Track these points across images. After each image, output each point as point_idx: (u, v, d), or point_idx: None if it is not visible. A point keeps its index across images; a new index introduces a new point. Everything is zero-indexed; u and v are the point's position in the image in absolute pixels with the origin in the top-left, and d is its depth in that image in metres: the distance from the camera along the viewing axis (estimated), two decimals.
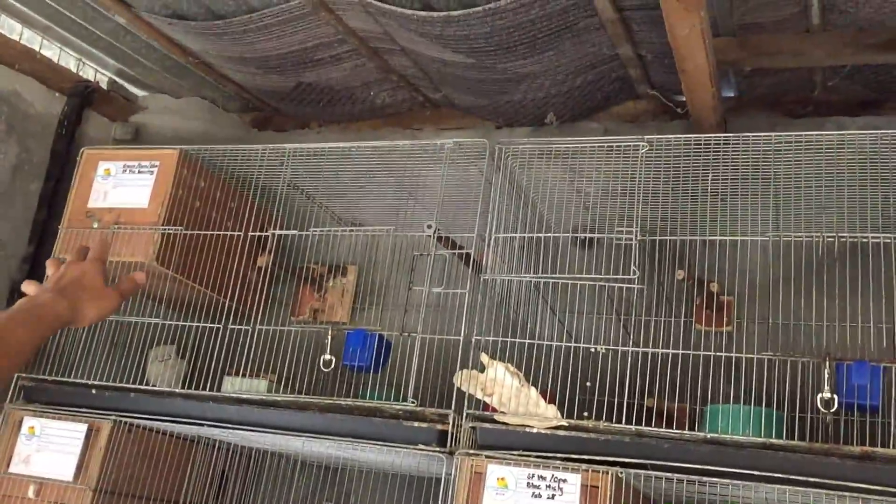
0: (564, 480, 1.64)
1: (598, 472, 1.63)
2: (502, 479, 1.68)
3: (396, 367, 1.89)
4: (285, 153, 2.14)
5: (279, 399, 1.92)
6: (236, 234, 2.24)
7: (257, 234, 2.21)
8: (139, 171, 2.27)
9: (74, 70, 2.72)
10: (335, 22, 2.27)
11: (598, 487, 1.62)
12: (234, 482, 2.42)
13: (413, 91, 2.72)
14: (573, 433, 1.69)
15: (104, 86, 2.85)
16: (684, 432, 1.65)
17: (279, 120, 3.07)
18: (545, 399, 1.76)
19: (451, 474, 1.72)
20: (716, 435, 1.63)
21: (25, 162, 2.48)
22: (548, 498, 1.64)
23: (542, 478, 1.66)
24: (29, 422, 2.08)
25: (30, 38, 2.57)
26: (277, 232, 2.12)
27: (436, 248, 1.94)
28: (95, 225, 2.24)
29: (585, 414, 1.77)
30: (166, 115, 2.97)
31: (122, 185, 2.28)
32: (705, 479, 1.58)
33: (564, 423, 1.70)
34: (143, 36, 2.54)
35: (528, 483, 1.66)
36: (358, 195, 2.39)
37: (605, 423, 1.67)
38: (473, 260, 1.97)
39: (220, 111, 3.04)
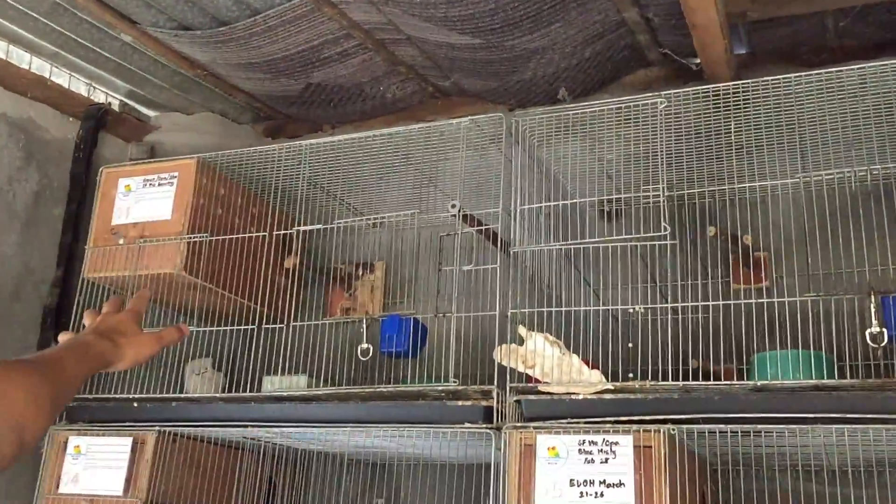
0: (616, 443, 1.62)
1: (650, 431, 1.60)
2: (553, 448, 1.66)
3: (434, 350, 1.87)
4: (302, 150, 2.14)
5: (320, 393, 1.91)
6: (261, 234, 2.24)
7: (282, 232, 2.21)
8: (159, 184, 2.28)
9: (86, 94, 2.74)
10: (338, 17, 2.27)
11: (650, 447, 1.60)
12: (282, 487, 2.41)
13: (422, 82, 2.71)
14: (620, 396, 1.67)
15: (116, 108, 2.86)
16: (733, 383, 1.63)
17: (292, 127, 3.08)
18: (587, 365, 1.74)
19: (500, 450, 1.70)
20: (766, 381, 1.60)
21: (46, 188, 2.50)
22: (601, 462, 1.62)
23: (593, 443, 1.63)
24: (74, 441, 2.09)
25: (39, 67, 2.58)
26: (302, 228, 2.11)
27: (461, 228, 1.92)
28: (121, 241, 2.25)
29: (631, 375, 1.75)
30: (180, 132, 2.98)
31: (143, 199, 2.28)
32: (759, 426, 1.55)
33: (610, 386, 1.68)
34: (150, 52, 2.56)
35: (580, 449, 1.64)
36: (377, 187, 2.39)
37: (652, 383, 1.65)
38: (500, 238, 1.96)
39: (232, 124, 3.05)
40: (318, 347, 2.06)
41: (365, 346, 1.91)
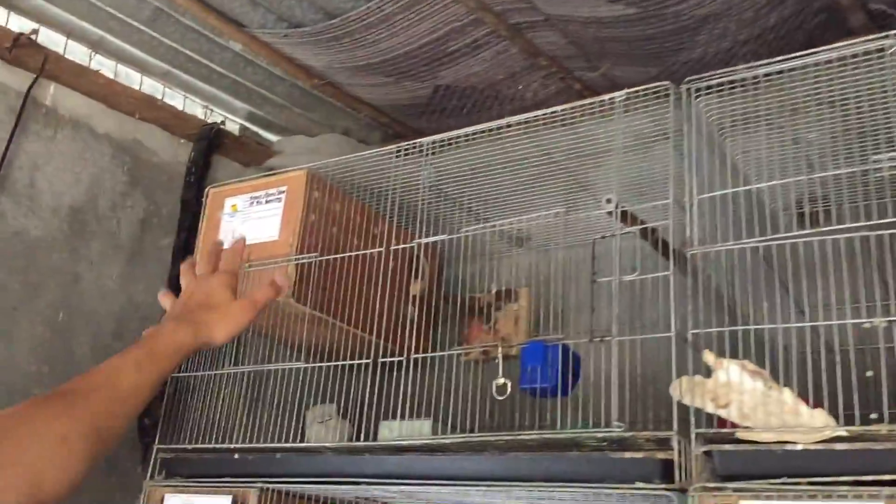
0: None
1: None
2: None
3: (590, 387, 1.44)
4: (423, 148, 1.79)
5: (447, 442, 1.52)
6: (376, 250, 1.89)
7: (399, 246, 1.85)
8: (266, 201, 2.00)
9: (202, 117, 2.53)
10: None
11: None
12: None
13: (567, 77, 2.32)
14: (858, 445, 1.18)
15: (236, 132, 2.64)
16: None
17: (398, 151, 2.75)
18: (806, 404, 1.26)
19: None
20: None
21: (154, 215, 2.27)
22: None
23: None
24: (171, 500, 1.79)
25: (151, 87, 2.39)
26: (424, 240, 1.75)
27: (620, 228, 1.50)
28: None
29: (874, 416, 1.24)
30: (302, 155, 2.72)
31: (249, 219, 2.00)
32: None
33: (843, 431, 1.19)
34: (263, 63, 2.32)
35: None
36: (514, 194, 2.00)
37: None
38: (672, 239, 1.51)
39: (359, 144, 2.76)
40: (445, 387, 1.67)
41: (501, 380, 1.50)
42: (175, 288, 2.21)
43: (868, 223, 1.28)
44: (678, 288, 1.39)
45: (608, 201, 1.49)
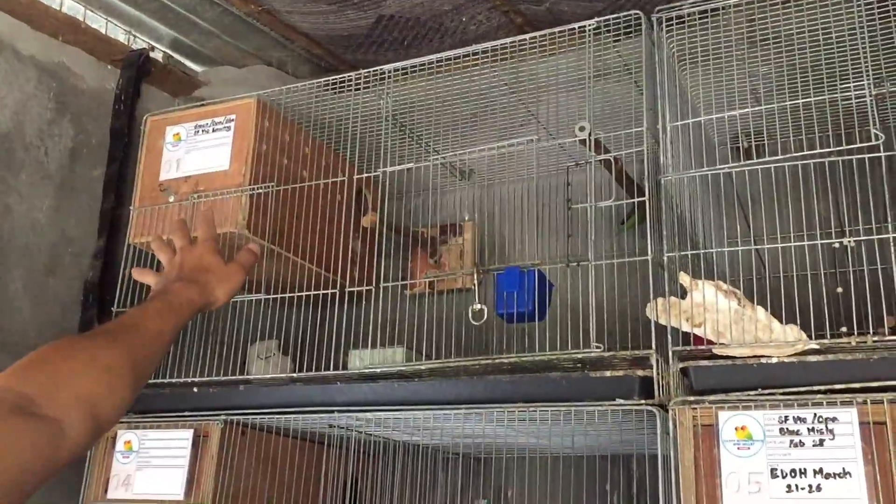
0: (834, 419, 1.21)
1: (880, 402, 1.19)
2: (743, 428, 1.26)
3: (568, 311, 1.47)
4: (384, 75, 1.76)
5: (423, 367, 1.53)
6: (339, 179, 1.86)
7: (364, 175, 1.83)
8: (214, 130, 1.92)
9: (125, 42, 2.39)
10: None
11: (883, 423, 1.19)
12: (364, 488, 2.04)
13: (511, 10, 2.31)
14: (830, 357, 1.26)
15: (160, 60, 2.51)
16: None
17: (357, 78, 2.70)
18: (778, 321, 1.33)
19: (667, 433, 1.30)
20: None
21: (83, 145, 2.15)
22: (814, 445, 1.21)
23: (800, 419, 1.23)
24: (124, 436, 1.73)
25: (72, 8, 2.24)
26: (389, 169, 1.73)
27: (594, 156, 1.53)
28: (171, 199, 1.90)
29: (844, 329, 1.33)
30: (231, 87, 2.62)
31: (195, 148, 1.93)
32: None
33: (815, 345, 1.27)
34: None
35: (783, 429, 1.23)
36: (472, 126, 2.00)
37: (876, 338, 1.24)
38: (647, 165, 1.56)
39: (289, 77, 2.68)
40: (411, 318, 1.68)
41: (478, 306, 1.52)
42: (110, 225, 2.14)
43: (840, 148, 1.35)
44: (654, 214, 1.43)
45: (581, 129, 1.51)
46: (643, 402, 1.34)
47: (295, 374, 1.62)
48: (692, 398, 1.31)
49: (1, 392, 0.82)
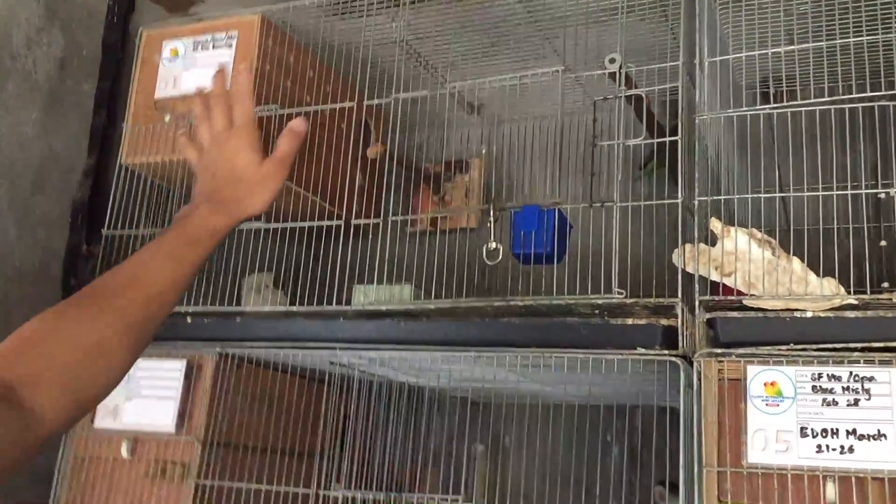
0: (871, 378, 1.15)
1: None
2: (773, 384, 1.19)
3: (589, 254, 1.39)
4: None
5: (431, 307, 1.45)
6: (347, 105, 1.76)
7: (374, 102, 1.72)
8: (214, 46, 1.81)
9: None
10: None
11: None
12: (358, 428, 1.98)
13: None
14: (869, 313, 1.19)
15: None
16: None
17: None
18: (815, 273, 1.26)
19: (690, 387, 1.24)
20: None
21: (73, 56, 2.02)
22: (848, 405, 1.15)
23: (835, 378, 1.17)
24: None
25: None
26: (402, 95, 1.63)
27: (623, 91, 1.43)
28: (167, 118, 1.79)
29: (885, 285, 1.26)
30: (229, 5, 2.49)
31: (194, 65, 1.81)
32: None
33: (853, 300, 1.20)
34: None
35: (815, 387, 1.17)
36: (487, 58, 1.89)
37: None
38: (682, 102, 1.47)
39: None
40: (417, 256, 1.60)
41: (493, 245, 1.44)
42: (101, 143, 2.03)
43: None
44: (686, 156, 1.35)
45: (611, 61, 1.42)
46: (666, 352, 1.27)
47: (296, 308, 1.54)
48: (719, 350, 1.24)
49: None
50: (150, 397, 1.59)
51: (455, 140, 2.21)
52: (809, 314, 1.22)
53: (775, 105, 1.36)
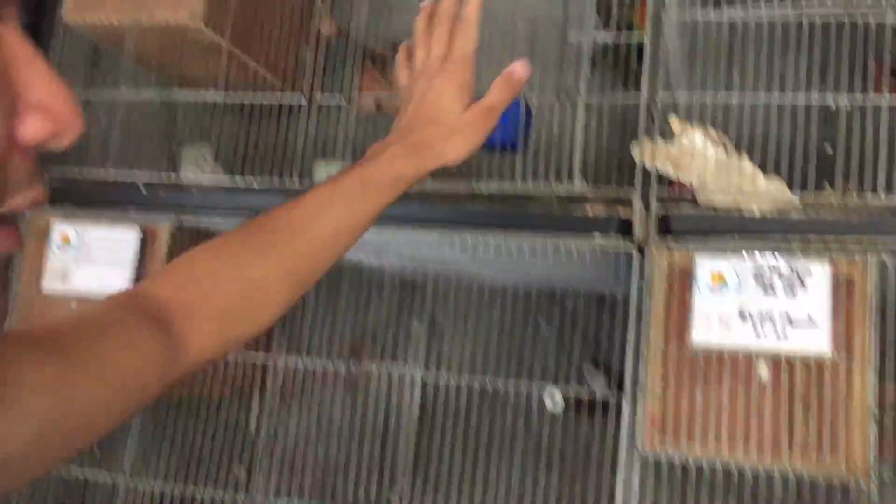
0: (808, 271, 1.26)
1: (854, 260, 1.25)
2: (719, 274, 1.30)
3: (553, 145, 1.44)
4: None
5: None
6: None
7: None
8: None
9: None
10: None
11: (853, 282, 1.25)
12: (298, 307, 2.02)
13: None
14: (811, 214, 1.30)
15: None
16: None
17: None
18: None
19: (641, 277, 1.33)
20: None
21: None
22: (785, 294, 1.27)
23: (774, 269, 1.28)
24: (59, 228, 1.63)
25: None
26: None
27: None
28: None
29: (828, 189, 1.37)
30: None
31: None
32: None
33: (797, 199, 1.31)
34: None
35: (756, 275, 1.28)
36: None
37: (856, 195, 1.28)
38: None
39: None
40: (372, 136, 1.61)
41: None
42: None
43: None
44: (653, 51, 1.40)
45: None
46: (622, 240, 1.36)
47: (256, 184, 1.54)
48: (671, 241, 1.33)
49: (137, 296, 0.74)
50: (101, 264, 1.58)
51: (406, 21, 2.19)
52: (756, 211, 1.32)
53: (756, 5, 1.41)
